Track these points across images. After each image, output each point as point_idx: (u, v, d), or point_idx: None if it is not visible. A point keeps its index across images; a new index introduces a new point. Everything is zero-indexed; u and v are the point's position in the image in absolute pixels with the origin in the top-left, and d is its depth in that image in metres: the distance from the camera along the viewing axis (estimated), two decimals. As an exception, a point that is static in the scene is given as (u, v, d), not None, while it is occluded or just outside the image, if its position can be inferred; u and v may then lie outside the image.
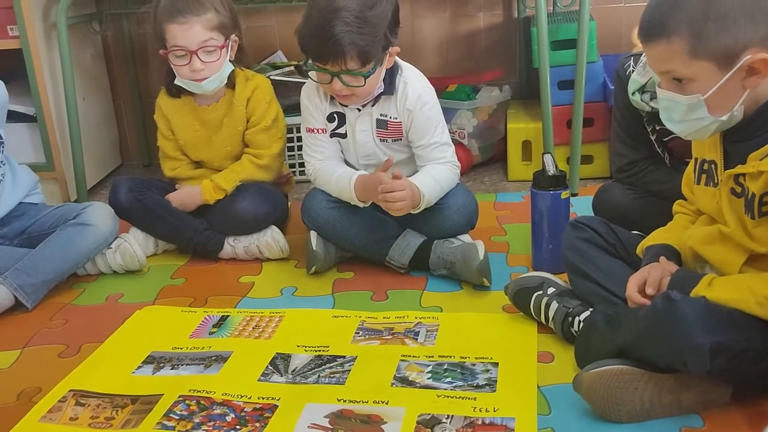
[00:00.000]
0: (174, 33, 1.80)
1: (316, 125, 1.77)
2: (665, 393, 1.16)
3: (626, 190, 1.74)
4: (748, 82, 1.12)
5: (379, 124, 1.73)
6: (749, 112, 1.15)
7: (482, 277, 1.64)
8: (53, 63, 2.37)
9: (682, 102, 1.15)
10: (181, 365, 1.44)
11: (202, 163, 2.02)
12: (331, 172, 1.76)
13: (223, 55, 1.85)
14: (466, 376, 1.33)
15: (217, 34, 1.83)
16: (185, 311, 1.68)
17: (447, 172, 1.74)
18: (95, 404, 1.33)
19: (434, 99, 1.75)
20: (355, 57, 1.56)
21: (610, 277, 1.38)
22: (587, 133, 2.25)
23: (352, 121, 1.74)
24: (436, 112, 1.74)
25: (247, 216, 1.89)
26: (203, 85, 1.85)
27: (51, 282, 1.76)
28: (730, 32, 1.09)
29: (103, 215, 1.85)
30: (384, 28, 1.59)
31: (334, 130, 1.77)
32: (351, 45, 1.54)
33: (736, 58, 1.10)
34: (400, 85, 1.71)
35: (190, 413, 1.27)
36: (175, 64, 1.85)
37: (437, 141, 1.73)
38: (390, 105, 1.72)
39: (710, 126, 1.17)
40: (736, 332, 1.10)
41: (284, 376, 1.38)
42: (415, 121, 1.71)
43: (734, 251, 1.20)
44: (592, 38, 2.21)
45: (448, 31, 2.70)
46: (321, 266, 1.79)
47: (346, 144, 1.78)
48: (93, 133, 2.61)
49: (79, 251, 1.80)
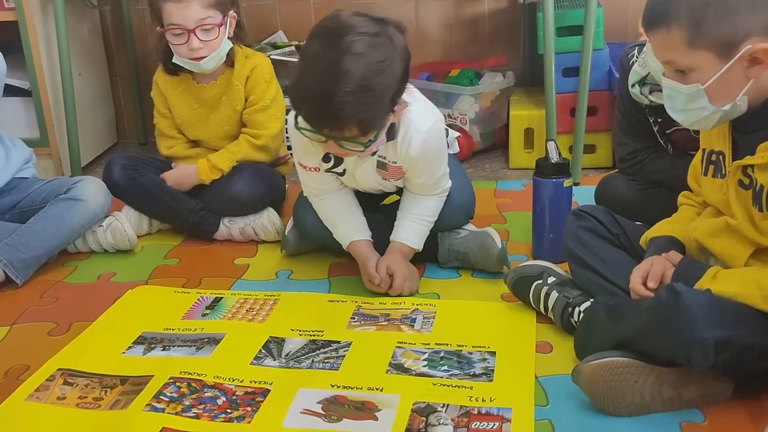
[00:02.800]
0: (171, 11, 1.76)
1: (307, 164, 1.58)
2: (666, 387, 1.14)
3: (629, 181, 1.71)
4: (751, 72, 1.10)
5: (379, 165, 1.56)
6: (759, 102, 1.13)
7: (502, 264, 1.61)
8: (49, 36, 2.33)
9: (683, 91, 1.14)
10: (172, 346, 1.41)
11: (199, 142, 1.99)
12: (328, 216, 1.63)
13: (222, 33, 1.82)
14: (462, 364, 1.31)
15: (214, 12, 1.79)
16: (178, 292, 1.65)
17: (438, 203, 1.62)
18: (83, 384, 1.30)
19: (440, 137, 1.55)
20: (354, 128, 1.34)
21: (612, 267, 1.36)
22: (590, 122, 2.22)
23: (350, 165, 1.56)
24: (441, 153, 1.57)
25: (243, 197, 1.87)
26: (202, 64, 1.82)
27: (41, 258, 1.73)
28: (729, 21, 1.07)
29: (94, 190, 1.81)
30: (392, 92, 1.35)
31: (329, 169, 1.58)
32: (351, 117, 1.31)
33: (736, 48, 1.08)
34: (401, 129, 1.49)
35: (181, 395, 1.25)
36: (172, 43, 1.81)
37: (435, 177, 1.59)
38: (389, 150, 1.52)
39: (713, 116, 1.15)
40: (741, 327, 1.08)
41: (277, 360, 1.35)
42: (417, 165, 1.54)
43: (741, 244, 1.18)
44: (599, 25, 2.17)
45: (452, 15, 2.66)
46: (292, 250, 1.77)
47: (346, 179, 1.61)
48: (88, 109, 2.57)
49: (70, 226, 1.77)
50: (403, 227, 1.61)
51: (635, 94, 1.60)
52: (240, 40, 1.92)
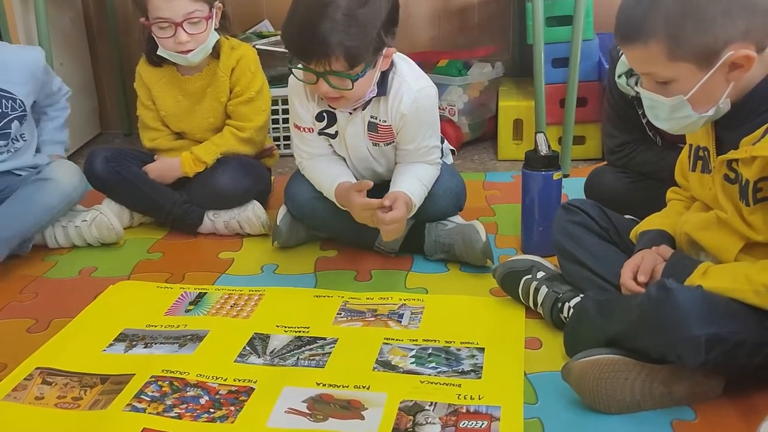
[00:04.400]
0: (158, 4, 1.72)
1: (302, 124, 1.63)
2: (657, 384, 1.12)
3: (618, 173, 1.70)
4: (731, 76, 1.09)
5: (369, 127, 1.59)
6: (738, 99, 1.13)
7: (486, 258, 1.59)
8: (29, 26, 2.28)
9: (666, 103, 1.13)
10: (154, 344, 1.38)
11: (183, 134, 1.95)
12: (317, 173, 1.64)
13: (209, 26, 1.78)
14: (450, 361, 1.29)
15: (202, 5, 1.75)
16: (161, 287, 1.62)
17: (432, 171, 1.63)
18: (63, 383, 1.27)
19: (432, 101, 1.60)
20: (341, 58, 1.41)
21: (602, 262, 1.34)
22: (580, 113, 2.20)
23: (342, 124, 1.60)
24: (431, 116, 1.60)
25: (228, 189, 1.83)
26: (189, 58, 1.79)
27: (13, 239, 1.69)
28: (708, 33, 1.06)
29: (66, 171, 1.78)
30: (377, 28, 1.43)
31: (322, 130, 1.63)
32: (337, 45, 1.39)
33: (717, 57, 1.07)
34: (393, 84, 1.55)
35: (162, 395, 1.22)
36: (158, 36, 1.77)
37: (426, 145, 1.60)
38: (381, 107, 1.57)
39: (698, 121, 1.14)
40: (733, 324, 1.06)
41: (262, 357, 1.33)
42: (407, 125, 1.57)
43: (731, 237, 1.17)
44: (588, 15, 2.15)
45: (441, 4, 2.63)
46: (284, 242, 1.74)
47: (337, 144, 1.65)
48: (71, 100, 2.51)
49: (42, 206, 1.73)
50: (401, 181, 1.58)
51: (622, 85, 1.58)
52: (225, 30, 1.88)
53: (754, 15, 1.06)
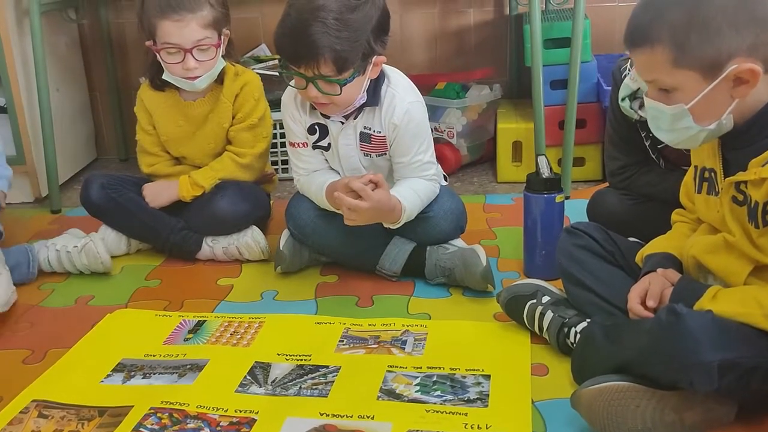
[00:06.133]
0: (168, 30, 1.71)
1: (296, 139, 1.66)
2: (668, 411, 1.10)
3: (621, 195, 1.68)
4: (736, 92, 1.08)
5: (362, 138, 1.61)
6: (746, 119, 1.11)
7: (486, 283, 1.57)
8: (25, 51, 2.27)
9: (667, 111, 1.12)
10: (153, 374, 1.36)
11: (182, 159, 1.94)
12: (310, 185, 1.66)
13: (218, 53, 1.78)
14: (456, 389, 1.26)
15: (211, 32, 1.75)
16: (159, 315, 1.59)
17: (429, 186, 1.63)
18: (59, 416, 1.24)
19: (423, 115, 1.62)
20: (329, 61, 1.44)
21: (608, 286, 1.32)
22: (579, 134, 2.19)
23: (335, 135, 1.62)
24: (423, 129, 1.61)
25: (227, 215, 1.81)
26: (195, 84, 1.78)
27: None
28: (713, 42, 1.05)
29: None
30: (366, 34, 1.46)
31: (315, 143, 1.65)
32: (326, 48, 1.42)
33: (721, 68, 1.06)
34: (386, 96, 1.58)
35: (162, 427, 1.19)
36: (166, 62, 1.76)
37: (420, 160, 1.61)
38: (374, 117, 1.59)
39: (698, 135, 1.13)
40: (745, 349, 1.04)
41: (263, 387, 1.30)
42: (399, 137, 1.58)
43: (739, 261, 1.15)
44: (586, 37, 2.15)
45: (438, 27, 2.63)
46: (287, 267, 1.72)
47: (330, 156, 1.66)
48: (67, 125, 2.51)
49: None
50: (395, 189, 1.59)
51: (625, 108, 1.57)
52: (230, 56, 1.87)
53: (763, 30, 1.04)
